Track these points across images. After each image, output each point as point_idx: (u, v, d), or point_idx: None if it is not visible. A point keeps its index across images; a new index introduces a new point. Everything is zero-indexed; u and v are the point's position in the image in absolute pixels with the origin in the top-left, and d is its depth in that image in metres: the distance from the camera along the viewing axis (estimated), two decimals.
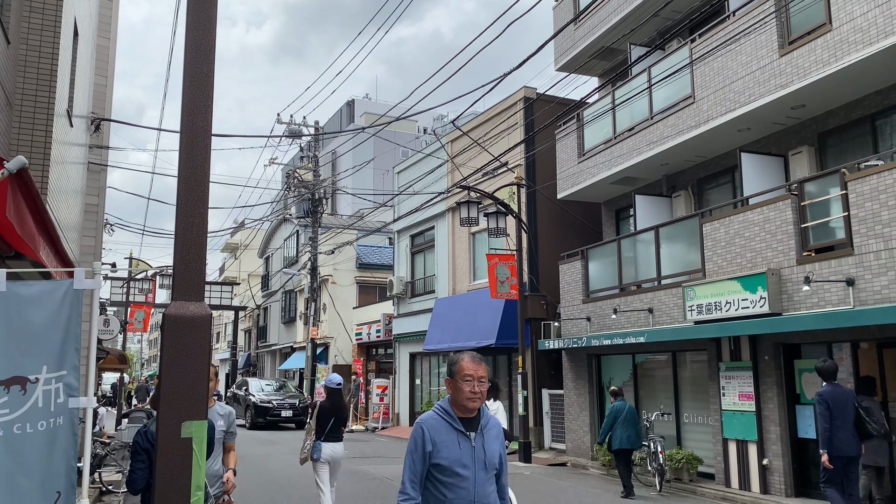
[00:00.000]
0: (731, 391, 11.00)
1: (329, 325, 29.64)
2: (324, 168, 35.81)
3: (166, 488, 2.89)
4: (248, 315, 44.76)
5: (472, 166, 18.65)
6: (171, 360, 3.01)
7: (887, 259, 8.65)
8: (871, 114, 10.65)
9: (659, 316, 12.64)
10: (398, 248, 24.99)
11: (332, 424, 7.80)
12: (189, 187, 3.17)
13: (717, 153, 13.27)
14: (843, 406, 7.65)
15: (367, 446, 17.94)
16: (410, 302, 23.53)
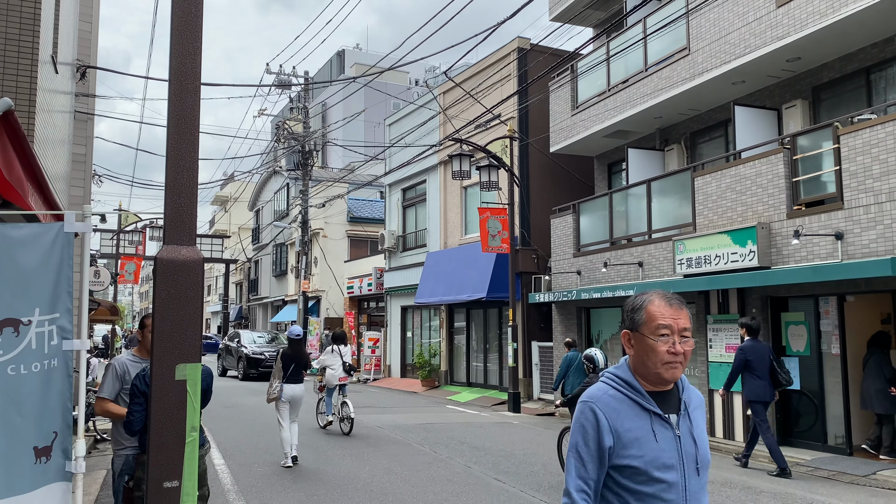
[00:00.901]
0: (718, 343, 11.16)
1: (320, 278, 29.71)
2: (314, 120, 35.40)
3: (162, 429, 2.93)
4: (239, 268, 44.77)
5: (465, 119, 18.48)
6: (163, 303, 3.01)
7: (876, 213, 8.70)
8: (866, 67, 10.58)
9: (649, 269, 12.73)
10: (389, 202, 24.91)
11: (293, 369, 8.97)
12: (179, 130, 3.13)
13: (710, 106, 13.20)
14: (761, 359, 8.80)
15: (359, 397, 18.16)
16: (402, 256, 23.57)
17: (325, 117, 47.77)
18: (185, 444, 2.92)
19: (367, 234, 30.58)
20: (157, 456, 2.89)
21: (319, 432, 11.52)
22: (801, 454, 9.52)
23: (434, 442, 10.63)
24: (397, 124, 23.94)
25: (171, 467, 2.89)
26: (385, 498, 7.03)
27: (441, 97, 21.13)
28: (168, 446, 2.91)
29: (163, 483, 2.88)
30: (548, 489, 7.48)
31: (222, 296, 36.81)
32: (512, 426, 12.87)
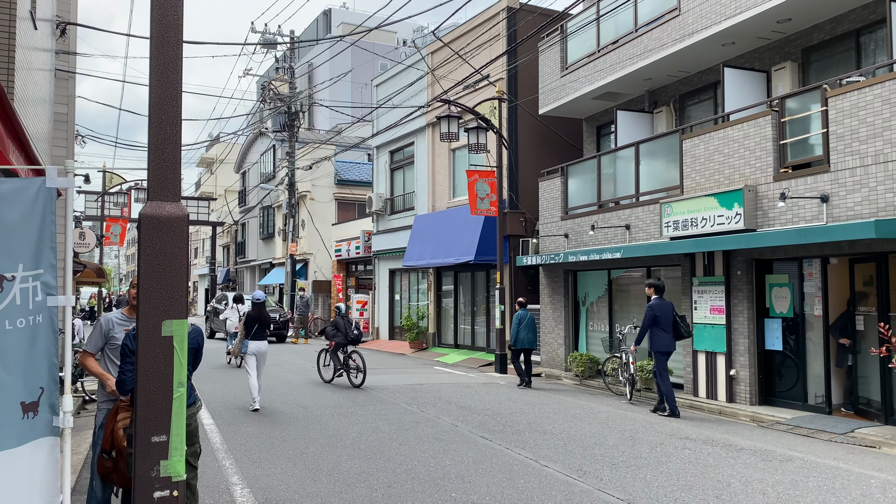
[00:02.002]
0: (703, 305, 11.28)
1: (308, 241, 29.63)
2: (300, 80, 34.88)
3: (148, 385, 2.93)
4: (226, 231, 44.54)
5: (453, 79, 18.28)
6: (148, 260, 2.99)
7: (862, 176, 8.74)
8: (856, 28, 10.52)
9: (636, 232, 12.77)
10: (377, 164, 24.75)
11: (256, 328, 10.28)
12: (162, 83, 3.07)
13: (700, 68, 13.12)
14: (666, 315, 10.14)
15: None
16: (390, 219, 23.51)
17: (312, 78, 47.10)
18: (173, 399, 2.93)
19: (355, 196, 30.42)
20: (144, 411, 2.91)
21: (308, 393, 11.61)
22: (782, 413, 9.72)
23: (422, 402, 10.74)
24: (385, 85, 23.65)
25: (159, 422, 2.91)
26: (373, 455, 7.12)
27: (429, 57, 20.87)
28: (155, 401, 2.92)
29: (151, 437, 2.90)
30: (532, 446, 7.61)
31: (209, 259, 36.65)
32: (498, 386, 13.02)
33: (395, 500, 5.57)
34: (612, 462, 6.95)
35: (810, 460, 7.16)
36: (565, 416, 9.76)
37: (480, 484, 6.07)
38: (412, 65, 21.65)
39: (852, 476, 6.53)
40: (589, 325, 14.80)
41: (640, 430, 8.71)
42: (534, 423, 9.11)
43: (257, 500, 5.62)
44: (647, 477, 6.38)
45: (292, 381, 13.27)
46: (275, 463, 6.83)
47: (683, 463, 6.96)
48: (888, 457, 7.48)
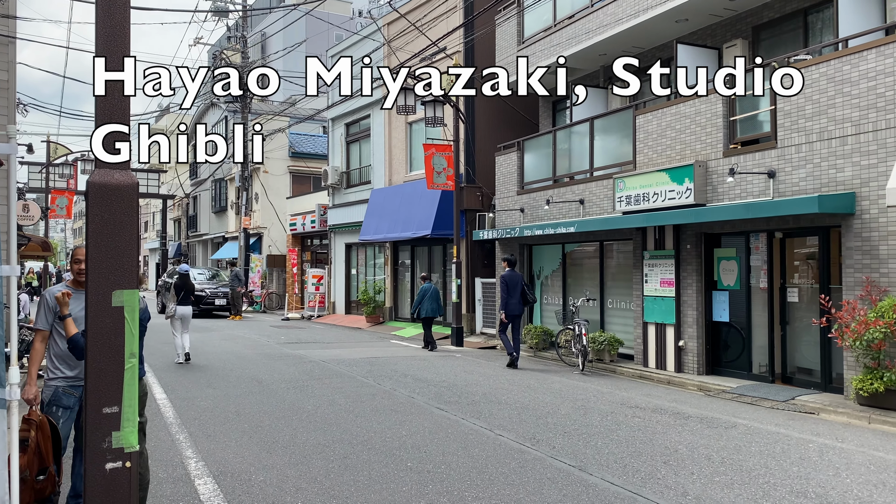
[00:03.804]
0: (653, 278, 11.54)
1: (262, 214, 29.21)
2: (253, 50, 34.10)
3: (99, 356, 2.89)
4: (177, 204, 43.58)
5: (410, 51, 18.11)
6: (97, 229, 2.93)
7: (807, 152, 9.01)
8: (804, 8, 10.76)
9: (589, 207, 12.95)
10: (332, 137, 24.45)
11: (182, 295, 12.23)
12: (108, 49, 2.98)
13: (654, 44, 13.26)
14: (516, 285, 12.28)
15: (302, 333, 18.22)
16: (346, 192, 23.32)
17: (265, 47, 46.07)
18: (125, 370, 2.89)
19: (310, 170, 30.03)
20: (95, 382, 2.86)
21: (264, 367, 11.54)
22: (728, 382, 10.05)
23: (378, 375, 10.79)
24: (340, 56, 23.29)
25: (111, 393, 2.87)
26: (329, 427, 7.15)
27: (385, 28, 20.60)
28: (107, 372, 2.88)
29: (102, 409, 2.86)
30: (487, 416, 7.73)
31: (160, 232, 35.84)
32: (455, 359, 13.15)
33: (352, 471, 5.62)
34: (564, 430, 7.11)
35: (753, 426, 7.45)
36: (519, 386, 9.92)
37: (436, 453, 6.16)
38: (368, 35, 21.35)
39: (792, 441, 6.82)
40: (543, 298, 15.00)
41: (591, 400, 8.92)
42: (489, 394, 9.24)
43: (212, 472, 5.60)
44: (598, 444, 6.55)
45: (247, 355, 13.17)
46: (230, 436, 6.80)
47: (633, 430, 7.16)
48: (825, 422, 7.83)
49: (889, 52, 8.15)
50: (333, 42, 32.60)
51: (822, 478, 5.55)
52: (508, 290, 12.24)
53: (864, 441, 6.87)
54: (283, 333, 17.88)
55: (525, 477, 5.48)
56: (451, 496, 5.01)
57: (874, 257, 8.29)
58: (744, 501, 4.96)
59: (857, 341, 8.03)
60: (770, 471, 5.73)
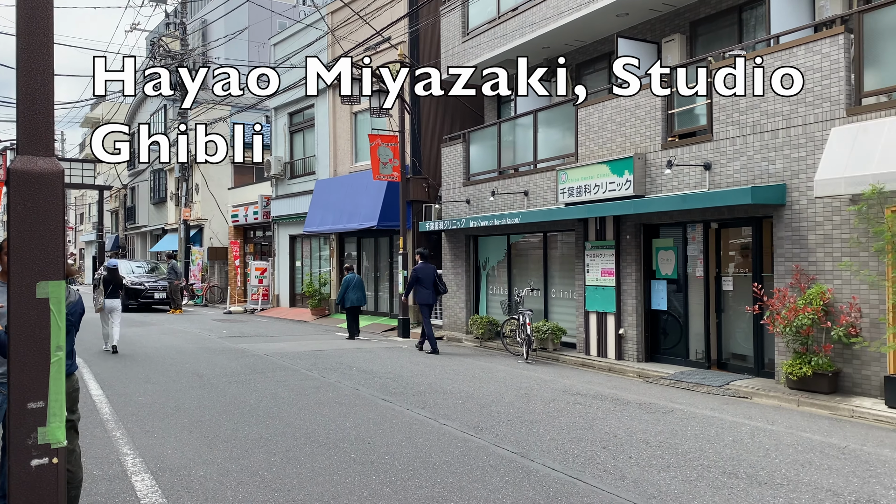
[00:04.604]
0: (594, 268, 11.75)
1: (203, 206, 28.56)
2: (193, 37, 33.21)
3: (22, 350, 2.77)
4: (115, 195, 42.23)
5: (354, 40, 17.94)
6: (20, 219, 2.81)
7: (741, 145, 9.30)
8: (738, 4, 11.08)
9: (534, 198, 13.09)
10: (276, 127, 24.05)
11: (111, 289, 12.55)
12: (31, 29, 2.85)
13: (596, 38, 13.46)
14: (428, 276, 13.09)
15: (245, 326, 17.92)
16: (290, 183, 22.99)
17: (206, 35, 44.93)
18: (51, 364, 2.79)
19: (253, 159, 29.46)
20: (19, 377, 2.75)
21: (205, 361, 11.31)
22: (666, 369, 10.33)
23: (323, 367, 10.70)
24: (283, 44, 22.91)
25: (36, 388, 2.76)
26: (272, 421, 7.06)
27: (329, 17, 20.34)
28: (30, 366, 2.77)
29: (27, 404, 2.75)
30: (432, 406, 7.76)
31: (97, 224, 34.65)
32: (401, 350, 13.15)
33: (294, 464, 5.57)
34: (507, 418, 7.20)
35: (689, 411, 7.68)
36: (465, 376, 9.99)
37: (380, 444, 6.15)
38: (312, 24, 21.03)
39: (726, 424, 7.06)
40: (489, 289, 15.12)
41: (534, 388, 9.05)
42: (434, 384, 9.28)
43: (150, 468, 5.47)
44: (539, 431, 6.65)
45: (187, 349, 12.89)
46: (169, 432, 6.65)
47: (574, 417, 7.30)
48: (757, 406, 8.13)
49: (817, 48, 8.47)
50: (277, 30, 32.02)
51: (752, 459, 5.76)
52: (422, 282, 13.07)
53: (793, 423, 7.16)
54: (225, 327, 17.55)
55: (468, 465, 5.53)
56: (394, 486, 5.02)
57: (803, 247, 8.63)
58: (679, 483, 5.11)
59: (787, 328, 8.35)
60: (704, 453, 5.92)
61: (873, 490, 4.99)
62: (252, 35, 41.17)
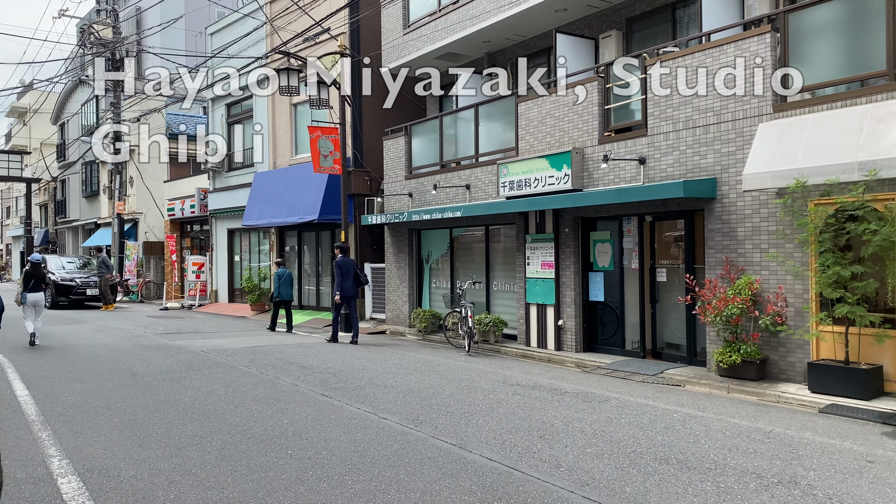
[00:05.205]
0: (534, 261, 11.89)
1: (137, 199, 27.70)
2: (126, 24, 32.11)
3: None
4: (44, 188, 40.56)
5: (293, 31, 17.65)
6: None
7: (674, 140, 9.54)
8: (672, 2, 11.35)
9: (475, 192, 13.15)
10: (213, 118, 23.50)
11: (33, 283, 12.50)
12: None
13: (535, 33, 13.59)
14: (349, 269, 13.46)
15: (182, 323, 17.49)
16: (227, 176, 22.51)
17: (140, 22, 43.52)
18: None
19: (190, 152, 28.72)
20: None
21: (139, 359, 10.99)
22: (604, 358, 10.55)
23: (261, 364, 10.54)
24: (221, 34, 22.37)
25: None
26: (207, 418, 6.91)
27: (268, 6, 19.95)
28: None
29: None
30: (372, 401, 7.73)
31: (24, 218, 33.23)
32: (342, 345, 13.04)
33: (229, 461, 5.46)
34: (447, 411, 7.23)
35: (624, 399, 7.86)
36: (406, 370, 9.98)
37: (318, 440, 6.10)
38: (249, 14, 20.60)
39: (659, 411, 7.26)
40: (432, 283, 15.14)
41: (475, 380, 9.11)
42: (375, 378, 9.24)
43: (77, 470, 5.28)
44: (479, 422, 6.71)
45: (121, 346, 12.50)
46: (98, 432, 6.44)
47: (513, 407, 7.38)
48: (690, 393, 8.38)
49: (746, 45, 8.74)
50: (214, 19, 31.23)
51: (683, 445, 5.94)
52: (343, 274, 13.39)
53: (723, 409, 7.41)
54: (160, 323, 17.09)
55: (406, 458, 5.53)
56: (330, 481, 4.98)
57: (733, 238, 8.92)
58: (612, 470, 5.23)
59: (718, 317, 8.63)
60: (637, 440, 6.07)
61: (794, 472, 5.21)
62: (189, 24, 40.07)
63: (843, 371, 7.57)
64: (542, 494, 4.69)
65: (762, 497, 4.66)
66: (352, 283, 13.48)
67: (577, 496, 4.66)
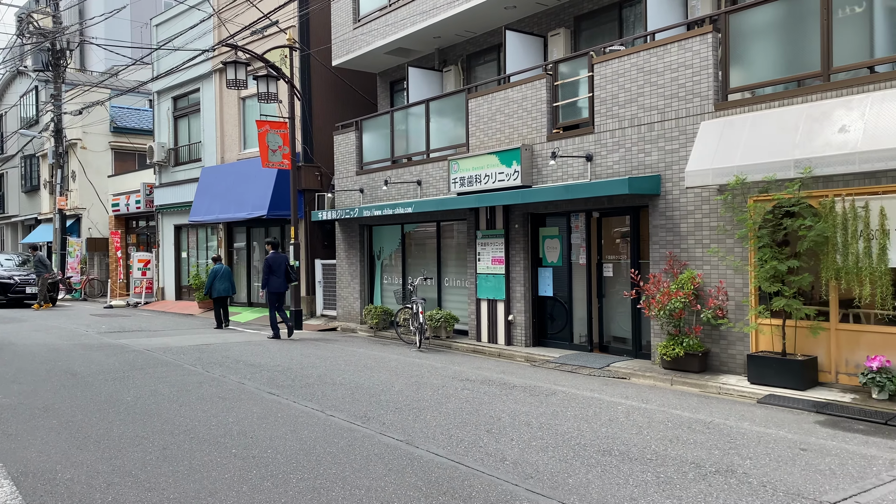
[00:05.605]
0: (485, 256, 11.96)
1: (80, 194, 26.88)
2: (68, 14, 31.11)
3: None
4: None
5: (241, 23, 17.35)
6: None
7: (620, 137, 9.70)
8: (618, 1, 11.52)
9: (427, 188, 13.15)
10: (159, 111, 22.95)
11: None
12: None
13: (485, 29, 13.64)
14: (280, 265, 13.39)
15: (127, 321, 17.06)
16: (174, 171, 22.03)
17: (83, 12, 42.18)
18: None
19: (135, 146, 28.01)
20: None
21: (79, 359, 10.68)
22: (552, 353, 10.68)
23: (208, 362, 10.35)
24: (166, 25, 21.85)
25: None
26: (149, 418, 6.76)
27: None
28: None
29: None
30: (320, 398, 7.67)
31: None
32: (292, 342, 12.91)
33: (171, 462, 5.36)
34: (396, 407, 7.22)
35: (571, 392, 7.98)
36: (356, 366, 9.93)
37: (263, 438, 6.02)
38: (195, 5, 20.16)
39: (604, 404, 7.39)
40: (384, 279, 15.09)
41: (425, 376, 9.12)
42: (324, 375, 9.17)
43: (10, 474, 5.11)
44: (427, 418, 6.72)
45: (61, 346, 12.13)
46: (34, 434, 6.23)
47: (462, 402, 7.42)
48: (635, 386, 8.55)
49: (689, 45, 8.94)
50: (160, 10, 30.47)
51: (626, 436, 6.06)
52: (273, 270, 13.33)
53: (666, 401, 7.58)
54: (104, 322, 16.64)
55: (353, 455, 5.51)
56: (275, 479, 4.93)
57: (676, 234, 9.12)
58: (556, 463, 5.30)
59: (662, 311, 8.82)
60: (582, 433, 6.17)
61: (732, 461, 5.36)
62: (134, 14, 39.03)
63: (780, 362, 7.82)
64: (486, 488, 4.73)
65: (700, 486, 4.78)
66: (283, 280, 13.41)
67: (521, 489, 4.72)
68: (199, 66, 19.79)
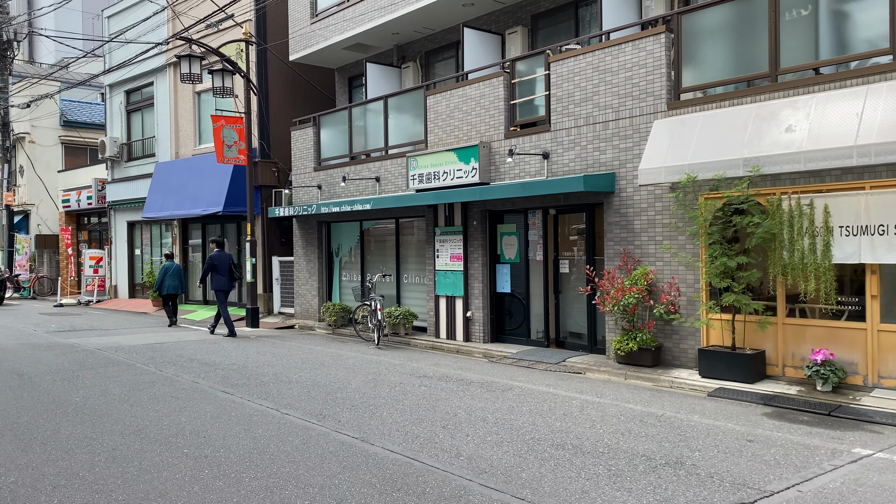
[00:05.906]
0: (444, 253, 11.98)
1: (29, 189, 26.11)
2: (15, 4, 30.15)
3: None
4: None
5: (195, 16, 17.04)
6: None
7: (575, 136, 9.81)
8: (574, 0, 11.64)
9: (385, 184, 13.11)
10: (111, 105, 22.42)
11: None
12: None
13: (444, 26, 13.64)
14: (224, 263, 13.56)
15: (78, 320, 16.65)
16: (127, 166, 21.55)
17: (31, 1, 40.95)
18: None
19: (86, 140, 27.29)
20: None
21: (27, 359, 10.38)
22: (510, 348, 10.76)
23: (161, 361, 10.17)
24: (119, 17, 21.33)
25: None
26: (99, 419, 6.62)
27: None
28: None
29: None
30: (275, 397, 7.61)
31: None
32: (248, 340, 12.76)
33: (120, 463, 5.25)
34: (352, 404, 7.20)
35: (527, 388, 8.05)
36: (313, 364, 9.87)
37: (216, 438, 5.95)
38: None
39: (559, 399, 7.47)
40: (343, 276, 15.00)
41: (383, 373, 9.11)
42: (280, 373, 9.09)
43: None
44: (383, 415, 6.71)
45: (7, 346, 11.77)
46: None
47: (418, 399, 7.43)
48: (589, 380, 8.67)
49: (643, 45, 9.08)
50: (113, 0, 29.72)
51: (579, 430, 6.15)
52: (218, 269, 13.51)
53: (619, 395, 7.70)
54: (54, 321, 16.21)
55: (307, 453, 5.47)
56: (227, 479, 4.87)
57: (630, 231, 9.27)
58: (510, 457, 5.35)
59: (616, 306, 8.95)
60: (537, 427, 6.23)
61: (681, 453, 5.48)
62: (86, 5, 38.04)
63: (729, 356, 8.02)
64: (440, 483, 4.75)
65: (650, 478, 4.88)
66: (227, 278, 13.56)
67: (475, 484, 4.75)
68: (152, 59, 19.38)
